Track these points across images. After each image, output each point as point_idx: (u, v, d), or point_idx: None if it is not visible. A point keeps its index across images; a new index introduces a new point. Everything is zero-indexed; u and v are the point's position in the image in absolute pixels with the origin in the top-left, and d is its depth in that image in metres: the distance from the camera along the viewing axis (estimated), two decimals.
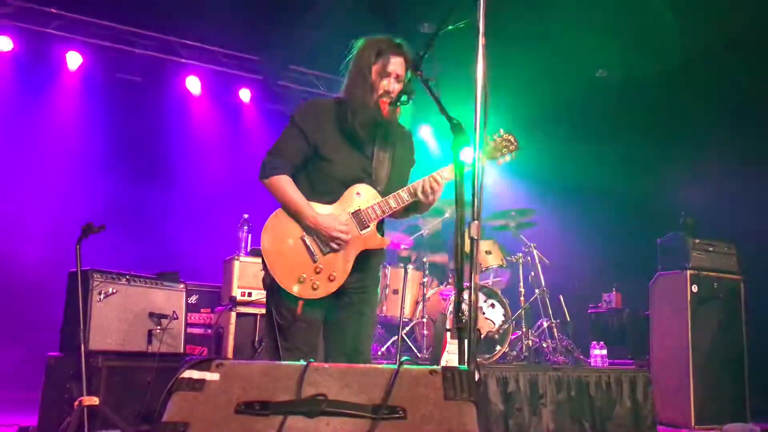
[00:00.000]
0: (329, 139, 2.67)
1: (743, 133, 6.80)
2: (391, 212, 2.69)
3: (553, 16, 6.30)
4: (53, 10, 6.62)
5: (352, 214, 2.65)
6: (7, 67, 6.72)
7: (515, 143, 2.87)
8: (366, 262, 2.71)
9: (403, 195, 2.67)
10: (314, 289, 2.57)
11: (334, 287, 2.60)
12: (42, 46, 6.82)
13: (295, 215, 2.61)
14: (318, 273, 2.58)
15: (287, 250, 2.58)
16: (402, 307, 5.16)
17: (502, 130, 2.88)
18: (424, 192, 2.65)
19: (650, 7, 6.09)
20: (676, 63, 6.75)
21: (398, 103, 2.63)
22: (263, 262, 2.59)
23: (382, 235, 2.78)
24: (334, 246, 2.60)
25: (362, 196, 2.67)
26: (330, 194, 2.66)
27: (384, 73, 2.63)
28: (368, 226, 2.65)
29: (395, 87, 2.64)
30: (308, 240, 2.60)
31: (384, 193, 2.71)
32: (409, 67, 2.63)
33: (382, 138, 2.74)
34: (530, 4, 5.92)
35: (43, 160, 6.83)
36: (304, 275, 2.56)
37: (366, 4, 6.19)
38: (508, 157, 2.87)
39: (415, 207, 2.79)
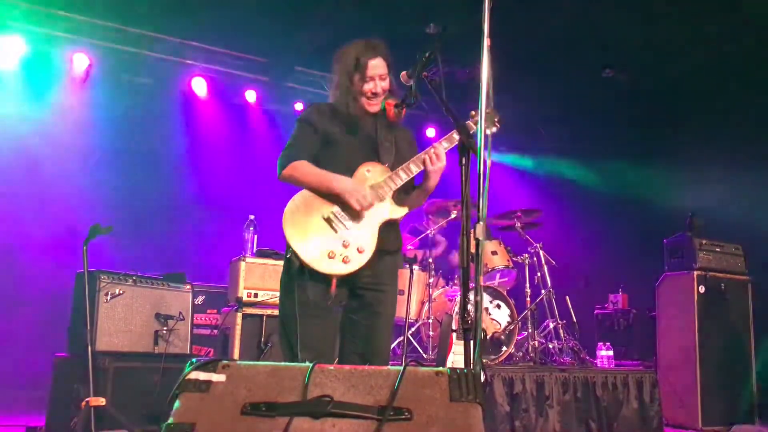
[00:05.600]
0: (335, 131, 2.77)
1: (750, 133, 6.76)
2: (402, 183, 2.73)
3: (560, 14, 6.28)
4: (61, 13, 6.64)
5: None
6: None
7: (497, 115, 2.96)
8: (381, 260, 2.72)
9: (412, 166, 2.73)
10: (346, 262, 2.58)
11: (365, 259, 2.61)
12: (49, 47, 6.84)
13: (326, 187, 2.65)
14: (346, 247, 2.60)
15: (312, 231, 2.60)
16: (408, 308, 5.15)
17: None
18: (430, 161, 2.69)
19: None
20: (684, 63, 6.74)
21: (403, 106, 2.67)
22: (290, 249, 2.60)
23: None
24: (360, 205, 2.61)
25: (372, 173, 2.74)
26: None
27: (366, 79, 2.72)
28: (383, 199, 2.70)
29: (381, 86, 2.74)
30: (331, 217, 2.63)
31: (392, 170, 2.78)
32: (411, 74, 2.66)
33: (382, 137, 2.82)
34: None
35: (51, 160, 6.85)
36: (334, 250, 2.58)
37: (371, 5, 6.16)
38: (494, 128, 2.95)
39: (420, 184, 2.82)
